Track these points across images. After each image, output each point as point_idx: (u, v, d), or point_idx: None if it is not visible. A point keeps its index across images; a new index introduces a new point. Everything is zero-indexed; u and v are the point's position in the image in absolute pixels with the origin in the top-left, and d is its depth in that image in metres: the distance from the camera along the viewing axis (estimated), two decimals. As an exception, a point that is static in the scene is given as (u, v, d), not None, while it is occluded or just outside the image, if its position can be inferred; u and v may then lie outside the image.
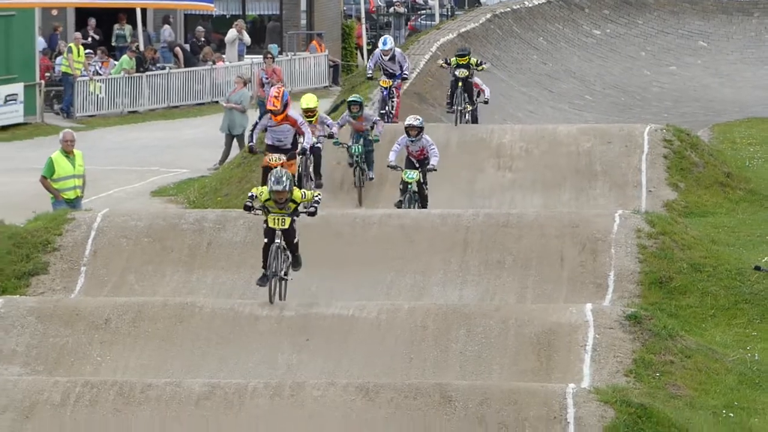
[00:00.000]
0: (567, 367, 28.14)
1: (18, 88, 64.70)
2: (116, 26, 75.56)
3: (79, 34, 71.59)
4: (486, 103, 47.59)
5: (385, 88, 44.71)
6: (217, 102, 64.56)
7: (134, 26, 77.44)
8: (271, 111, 27.09)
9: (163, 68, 74.99)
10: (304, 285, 32.02)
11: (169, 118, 70.30)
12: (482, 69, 46.63)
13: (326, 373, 27.42)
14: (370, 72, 45.39)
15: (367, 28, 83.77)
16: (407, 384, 25.41)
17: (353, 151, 37.40)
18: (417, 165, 37.91)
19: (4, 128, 63.30)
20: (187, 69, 74.71)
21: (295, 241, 23.25)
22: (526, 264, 34.54)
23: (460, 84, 42.78)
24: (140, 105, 72.26)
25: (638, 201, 42.53)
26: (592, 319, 29.60)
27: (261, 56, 67.63)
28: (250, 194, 22.81)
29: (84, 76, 68.98)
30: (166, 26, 73.76)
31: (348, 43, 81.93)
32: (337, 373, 27.07)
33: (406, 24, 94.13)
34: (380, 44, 45.57)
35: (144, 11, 76.60)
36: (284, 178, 21.04)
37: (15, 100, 64.43)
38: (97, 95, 69.76)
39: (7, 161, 54.33)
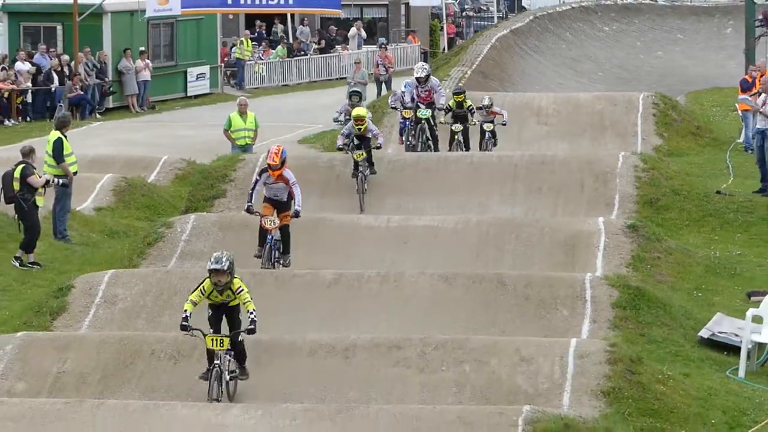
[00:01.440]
0: (586, 262, 29.03)
1: (205, 69, 72.24)
2: (274, 26, 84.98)
3: (248, 32, 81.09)
4: (504, 125, 41.36)
5: (405, 119, 38.59)
6: (344, 78, 69.45)
7: (285, 25, 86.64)
8: (269, 166, 24.79)
9: (305, 54, 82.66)
10: (404, 204, 34.73)
11: (310, 89, 76.50)
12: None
13: (418, 266, 28.11)
14: (392, 102, 38.22)
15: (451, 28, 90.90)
16: (475, 273, 26.84)
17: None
18: (425, 107, 36.00)
19: (196, 97, 70.91)
20: (322, 55, 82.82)
21: (240, 349, 17.65)
22: (557, 190, 35.77)
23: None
24: (290, 80, 79.80)
25: (635, 146, 44.34)
26: (603, 228, 30.78)
27: (374, 46, 74.88)
28: (184, 313, 17.55)
29: (251, 60, 77.61)
30: (302, 27, 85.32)
31: (434, 37, 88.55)
32: (426, 266, 28.10)
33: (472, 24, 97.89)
34: (415, 73, 38.70)
35: (292, 15, 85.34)
36: (224, 259, 17.05)
37: (204, 77, 72.15)
38: (260, 74, 78.26)
39: (198, 119, 61.00)
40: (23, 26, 62.43)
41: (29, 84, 59.01)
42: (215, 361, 16.86)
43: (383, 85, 59.68)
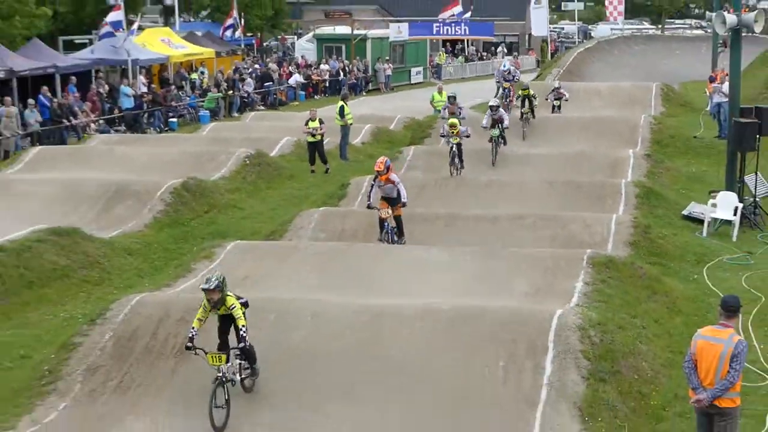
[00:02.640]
0: (621, 173, 32.73)
1: (420, 68, 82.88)
2: (457, 44, 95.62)
3: (443, 48, 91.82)
4: (567, 100, 43.80)
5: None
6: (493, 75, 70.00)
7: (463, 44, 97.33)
8: (377, 172, 22.79)
9: (473, 60, 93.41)
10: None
11: (476, 80, 79.60)
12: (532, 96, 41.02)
13: (531, 178, 32.36)
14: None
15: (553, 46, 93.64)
16: (565, 180, 31.03)
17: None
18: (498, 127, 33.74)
19: (415, 84, 78.85)
20: (482, 61, 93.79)
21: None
22: (608, 135, 40.36)
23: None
24: (465, 75, 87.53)
25: (650, 111, 48.08)
26: (632, 156, 35.03)
27: (511, 56, 77.52)
28: (191, 331, 14.72)
29: (445, 64, 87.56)
30: (472, 46, 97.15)
31: (543, 52, 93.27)
32: (534, 178, 32.18)
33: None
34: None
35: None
36: (213, 279, 14.44)
37: (419, 73, 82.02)
38: (450, 71, 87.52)
39: (416, 97, 62.59)
40: (324, 45, 77.63)
41: (327, 76, 69.15)
42: (218, 373, 14.23)
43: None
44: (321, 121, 36.54)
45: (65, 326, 19.27)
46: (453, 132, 30.03)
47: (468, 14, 78.54)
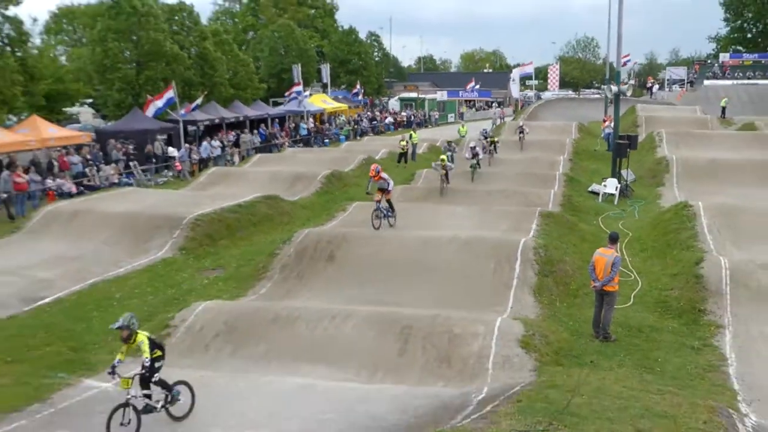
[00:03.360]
0: (557, 168, 30.07)
1: (452, 114, 68.95)
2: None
3: (465, 104, 75.29)
4: (527, 132, 37.25)
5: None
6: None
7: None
8: (372, 176, 19.42)
9: (481, 110, 74.75)
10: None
11: (480, 121, 58.43)
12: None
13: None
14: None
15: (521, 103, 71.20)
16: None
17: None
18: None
19: (449, 123, 64.83)
20: (484, 110, 73.59)
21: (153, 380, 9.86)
22: (549, 149, 35.86)
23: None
24: (476, 117, 68.64)
25: (572, 137, 42.50)
26: (562, 159, 32.46)
27: (499, 108, 65.31)
28: (114, 363, 9.83)
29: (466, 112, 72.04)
30: None
31: (516, 106, 68.13)
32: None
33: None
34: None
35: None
36: (121, 319, 9.89)
37: (452, 117, 67.44)
38: (467, 116, 69.59)
39: (450, 130, 46.01)
40: (403, 102, 69.31)
41: (405, 119, 61.90)
42: (126, 396, 9.58)
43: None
44: (405, 141, 35.86)
45: (270, 244, 19.14)
46: (442, 164, 25.08)
47: (477, 86, 76.47)
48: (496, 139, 33.95)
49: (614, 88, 28.62)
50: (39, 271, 17.30)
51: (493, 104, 75.84)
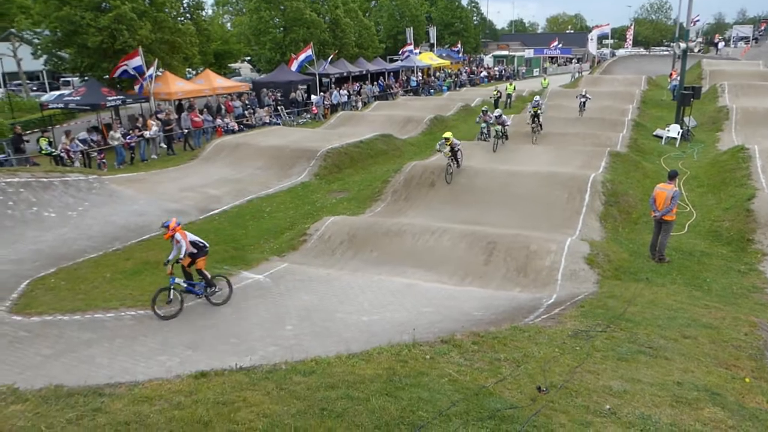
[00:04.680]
0: (626, 115, 28.26)
1: (537, 69, 62.73)
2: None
3: (549, 60, 69.38)
4: (590, 98, 28.79)
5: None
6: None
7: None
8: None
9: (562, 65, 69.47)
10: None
11: (561, 75, 58.10)
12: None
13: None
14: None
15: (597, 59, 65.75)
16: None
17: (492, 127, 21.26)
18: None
19: (534, 76, 59.31)
20: (565, 66, 68.81)
21: None
22: (619, 98, 33.66)
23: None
24: (558, 72, 63.16)
25: (641, 88, 39.70)
26: (630, 108, 30.18)
27: (578, 64, 63.36)
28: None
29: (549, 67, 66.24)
30: None
31: (593, 62, 61.75)
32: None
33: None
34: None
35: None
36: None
37: (537, 71, 62.53)
38: (550, 70, 64.69)
39: (534, 83, 46.48)
40: (496, 59, 65.82)
41: (497, 73, 58.71)
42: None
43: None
44: (498, 91, 34.70)
45: (384, 173, 19.08)
46: (447, 144, 17.14)
47: (560, 45, 71.91)
48: (540, 111, 24.55)
49: (682, 45, 26.54)
50: (210, 189, 17.99)
51: (573, 60, 71.58)
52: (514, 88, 36.97)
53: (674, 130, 24.69)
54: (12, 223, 13.65)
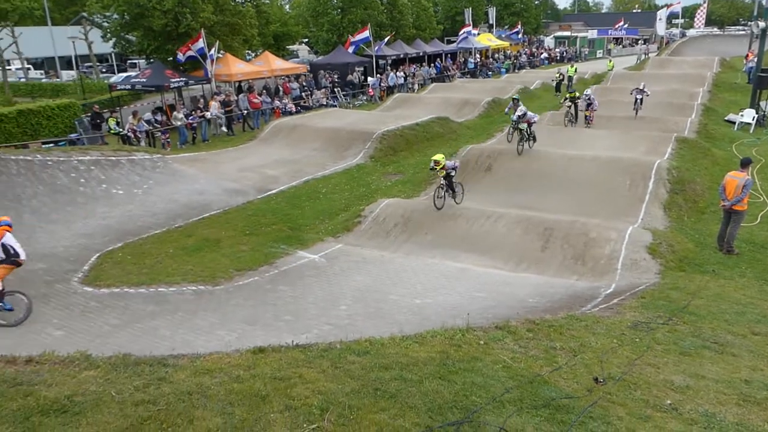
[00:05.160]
0: (695, 99, 27.13)
1: (601, 51, 62.00)
2: None
3: (613, 41, 66.88)
4: (648, 95, 24.12)
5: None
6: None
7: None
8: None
9: (627, 47, 65.95)
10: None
11: (627, 56, 57.56)
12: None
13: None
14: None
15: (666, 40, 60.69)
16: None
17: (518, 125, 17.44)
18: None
19: (598, 58, 58.32)
20: (630, 47, 70.22)
21: None
22: (689, 81, 32.46)
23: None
24: (623, 54, 60.89)
25: (714, 70, 37.72)
26: (701, 91, 28.81)
27: (645, 45, 61.27)
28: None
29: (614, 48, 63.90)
30: None
31: (661, 43, 57.95)
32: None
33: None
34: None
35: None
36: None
37: (601, 53, 61.09)
38: (614, 52, 62.31)
39: (600, 65, 43.23)
40: (557, 40, 64.52)
41: (557, 55, 57.81)
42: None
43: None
44: (560, 74, 33.86)
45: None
46: (438, 167, 13.79)
47: (626, 25, 69.11)
48: (576, 94, 23.42)
49: (761, 23, 25.25)
50: (268, 169, 18.27)
51: (639, 41, 68.53)
52: (576, 71, 35.95)
53: (748, 115, 23.57)
54: (84, 199, 14.24)
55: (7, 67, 35.64)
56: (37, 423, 4.58)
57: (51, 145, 18.06)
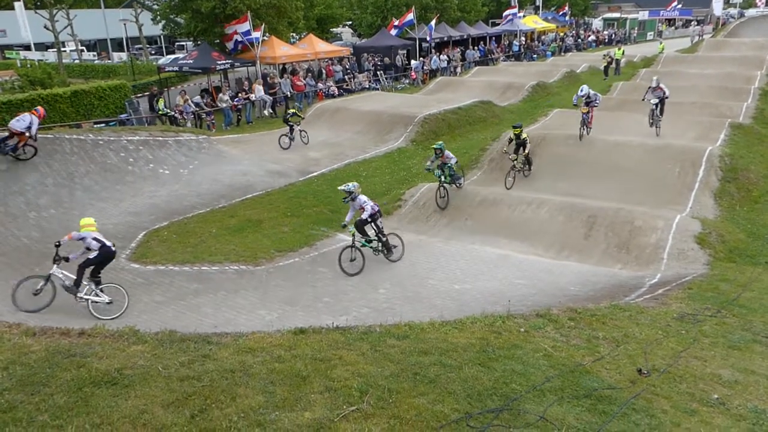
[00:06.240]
0: (752, 83, 25.61)
1: (651, 33, 58.23)
2: None
3: (666, 23, 62.87)
4: (667, 97, 17.83)
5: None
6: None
7: None
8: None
9: (680, 28, 63.72)
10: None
11: (680, 38, 55.80)
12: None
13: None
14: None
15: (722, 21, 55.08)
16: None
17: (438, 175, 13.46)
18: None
19: (648, 41, 55.27)
20: (683, 29, 63.50)
21: None
22: (746, 64, 30.69)
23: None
24: (675, 36, 58.16)
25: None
26: (759, 75, 27.17)
27: (698, 27, 56.97)
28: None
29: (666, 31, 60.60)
30: None
31: (717, 24, 52.30)
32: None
33: None
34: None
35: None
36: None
37: (651, 35, 57.71)
38: (666, 34, 59.82)
39: (648, 48, 44.16)
40: (606, 22, 60.10)
41: (606, 38, 55.25)
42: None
43: None
44: (608, 56, 32.45)
45: (482, 141, 18.60)
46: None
47: (679, 6, 66.22)
48: (521, 131, 15.43)
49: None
50: (310, 152, 18.45)
51: (692, 22, 65.42)
52: (623, 53, 34.78)
53: (807, 102, 22.38)
54: (132, 178, 14.63)
55: (62, 49, 36.66)
56: (89, 393, 4.76)
57: (102, 125, 18.54)
